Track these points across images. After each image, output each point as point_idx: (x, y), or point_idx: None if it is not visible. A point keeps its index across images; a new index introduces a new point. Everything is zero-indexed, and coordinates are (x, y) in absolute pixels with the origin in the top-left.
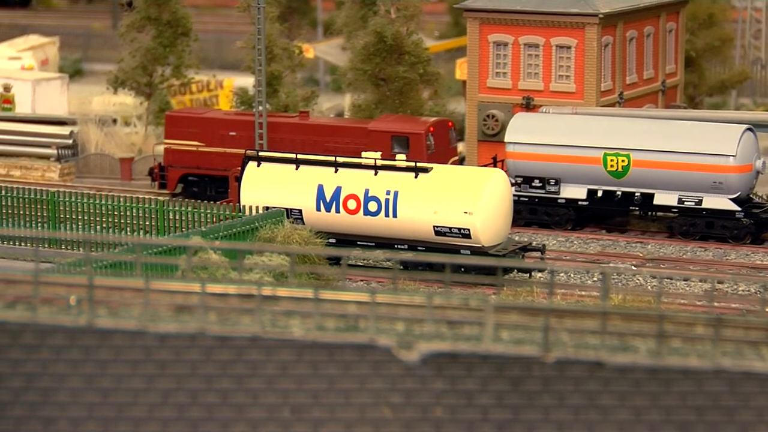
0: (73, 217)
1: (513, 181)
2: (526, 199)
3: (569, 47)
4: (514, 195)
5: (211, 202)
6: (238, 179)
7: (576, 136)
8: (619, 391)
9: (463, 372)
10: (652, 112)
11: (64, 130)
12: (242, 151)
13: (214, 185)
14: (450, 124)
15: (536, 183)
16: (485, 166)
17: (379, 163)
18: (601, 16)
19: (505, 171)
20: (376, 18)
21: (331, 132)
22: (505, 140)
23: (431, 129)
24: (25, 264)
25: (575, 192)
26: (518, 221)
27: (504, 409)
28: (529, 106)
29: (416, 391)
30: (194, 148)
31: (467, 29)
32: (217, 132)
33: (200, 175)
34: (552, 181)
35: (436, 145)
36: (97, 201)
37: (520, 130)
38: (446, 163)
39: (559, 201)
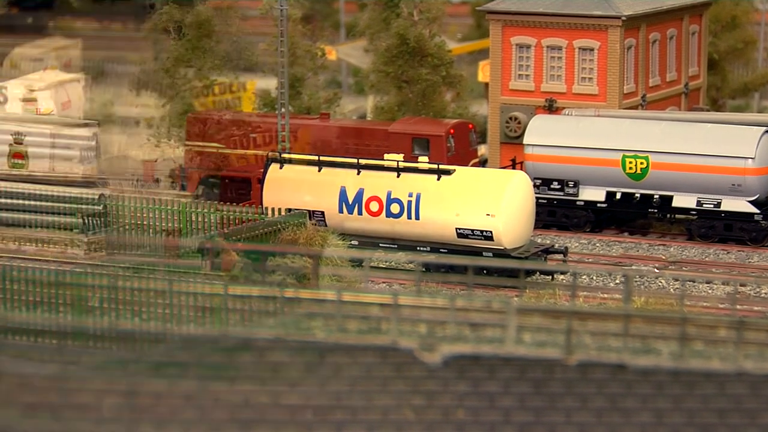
0: (104, 306)
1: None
2: (545, 201)
3: (592, 49)
4: None
5: (234, 204)
6: (261, 181)
7: (594, 138)
8: (642, 394)
9: (485, 374)
10: (672, 114)
11: (92, 194)
12: (263, 153)
13: (234, 187)
14: (470, 126)
15: (555, 185)
16: (504, 168)
17: (402, 165)
18: (624, 18)
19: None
20: (398, 20)
21: (352, 134)
22: (524, 142)
23: (451, 131)
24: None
25: (594, 194)
26: (537, 223)
27: (526, 411)
28: (551, 108)
29: (438, 394)
30: (214, 150)
31: (490, 31)
32: (237, 134)
33: (221, 176)
34: (571, 183)
35: (457, 147)
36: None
37: (539, 132)
38: (467, 165)
39: (578, 203)
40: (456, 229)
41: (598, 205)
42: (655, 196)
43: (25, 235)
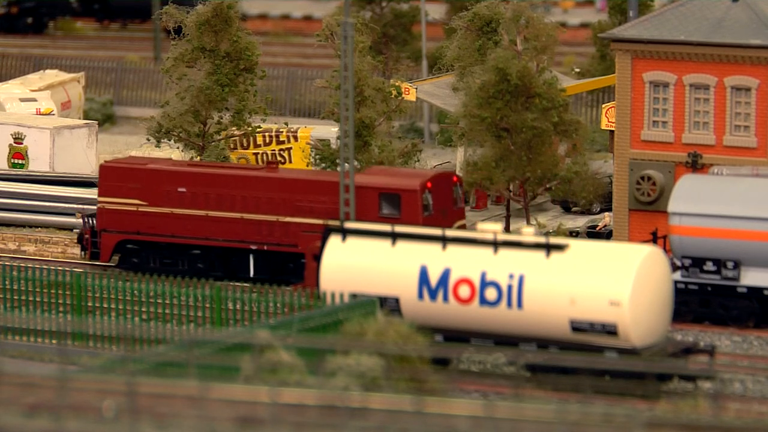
0: (104, 305)
1: (679, 264)
2: (696, 287)
3: (748, 89)
4: (681, 282)
5: (282, 287)
6: (317, 257)
7: (762, 206)
8: None
9: None
10: None
11: (92, 193)
12: (194, 212)
13: (158, 255)
14: (455, 178)
15: (709, 266)
16: (645, 242)
17: (500, 237)
18: None
19: (668, 249)
20: (497, 50)
21: (304, 188)
22: (669, 210)
23: (428, 185)
24: (44, 365)
25: (760, 278)
26: (685, 316)
27: None
28: (696, 165)
29: None
30: (134, 208)
31: (616, 65)
32: (161, 188)
33: (142, 242)
34: (730, 264)
35: (436, 206)
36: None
37: (689, 197)
38: (450, 228)
39: (739, 290)
40: (570, 321)
41: (766, 292)
42: None
43: (24, 235)
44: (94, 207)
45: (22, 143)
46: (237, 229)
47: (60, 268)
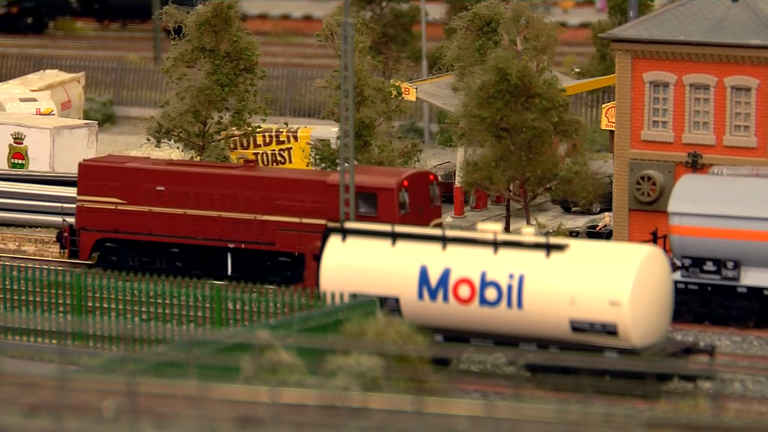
0: (105, 305)
1: (679, 264)
2: (696, 287)
3: (748, 89)
4: (681, 282)
5: (282, 287)
6: (317, 258)
7: (762, 206)
8: None
9: None
10: None
11: None
12: (173, 210)
13: (137, 253)
14: (431, 177)
15: (709, 266)
16: (645, 242)
17: (500, 237)
18: None
19: (668, 249)
20: (497, 50)
21: (283, 187)
22: (669, 210)
23: (405, 183)
24: (44, 365)
25: (760, 278)
26: (685, 316)
27: None
28: (696, 165)
29: None
30: (113, 207)
31: (616, 65)
32: (140, 186)
33: (120, 240)
34: (730, 264)
35: (413, 204)
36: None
37: (689, 197)
38: (427, 226)
39: (739, 290)
40: (570, 321)
41: (766, 293)
42: None
43: (24, 235)
44: None
45: (22, 143)
46: (215, 228)
47: (60, 268)
